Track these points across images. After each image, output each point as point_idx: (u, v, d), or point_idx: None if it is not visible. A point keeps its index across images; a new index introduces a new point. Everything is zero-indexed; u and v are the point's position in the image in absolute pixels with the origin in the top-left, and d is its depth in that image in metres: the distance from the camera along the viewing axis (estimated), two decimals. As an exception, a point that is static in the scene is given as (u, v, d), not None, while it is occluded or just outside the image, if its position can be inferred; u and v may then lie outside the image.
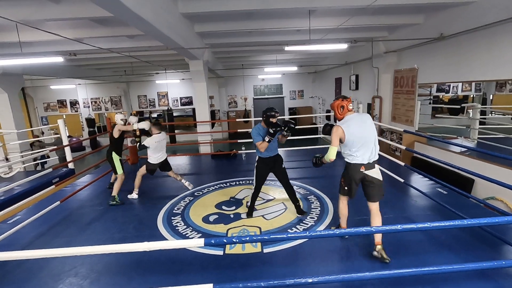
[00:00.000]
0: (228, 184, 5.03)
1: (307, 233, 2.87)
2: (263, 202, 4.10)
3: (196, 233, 3.37)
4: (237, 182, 5.08)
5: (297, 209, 3.62)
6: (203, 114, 7.85)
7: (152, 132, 4.37)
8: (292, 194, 3.61)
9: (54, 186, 4.11)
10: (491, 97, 8.22)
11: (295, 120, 14.30)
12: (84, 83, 13.94)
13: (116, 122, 4.45)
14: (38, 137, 9.77)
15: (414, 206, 3.83)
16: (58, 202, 3.89)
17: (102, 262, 2.79)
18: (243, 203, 4.13)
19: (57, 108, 14.53)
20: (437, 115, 8.67)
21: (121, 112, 4.56)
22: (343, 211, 3.00)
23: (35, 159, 8.62)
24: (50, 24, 5.08)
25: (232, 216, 3.76)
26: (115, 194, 4.26)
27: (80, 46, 5.88)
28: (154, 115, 17.34)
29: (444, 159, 4.01)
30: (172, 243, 1.94)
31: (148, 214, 3.92)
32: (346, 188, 2.83)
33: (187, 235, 3.32)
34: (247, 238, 1.86)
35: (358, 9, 5.04)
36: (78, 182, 5.45)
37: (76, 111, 14.65)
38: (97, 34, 5.50)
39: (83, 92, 14.39)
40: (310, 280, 1.89)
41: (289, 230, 3.33)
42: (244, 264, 2.71)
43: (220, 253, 2.87)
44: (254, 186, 3.60)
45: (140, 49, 6.98)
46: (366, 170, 2.66)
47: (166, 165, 4.58)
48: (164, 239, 3.26)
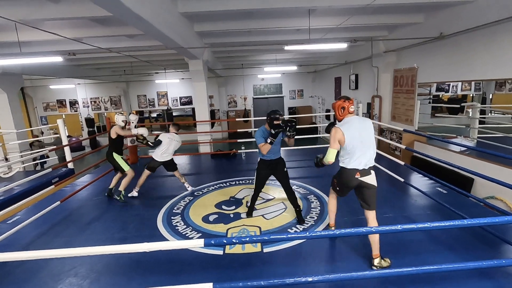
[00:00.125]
0: (227, 183, 5.03)
1: (307, 233, 2.87)
2: (263, 202, 4.10)
3: (196, 232, 3.37)
4: (236, 182, 5.08)
5: (297, 214, 3.50)
6: (203, 114, 7.84)
7: (170, 130, 4.57)
8: (293, 199, 3.49)
9: (53, 186, 4.09)
10: (491, 96, 8.23)
11: (295, 119, 14.35)
12: (83, 83, 13.93)
13: (116, 123, 4.37)
14: (37, 137, 9.76)
15: (414, 206, 3.84)
16: (58, 202, 3.89)
17: (102, 262, 2.79)
18: (243, 203, 4.13)
19: (56, 108, 14.51)
20: (436, 115, 8.68)
21: (121, 112, 4.51)
22: (331, 207, 2.98)
23: (35, 159, 8.61)
24: (49, 23, 5.07)
25: (232, 215, 3.76)
26: (122, 189, 4.26)
27: (79, 46, 5.86)
28: (154, 115, 17.35)
29: (444, 159, 4.01)
30: (172, 244, 1.94)
31: (148, 214, 3.92)
32: (338, 189, 2.80)
33: (187, 235, 3.32)
34: (247, 239, 1.86)
35: (357, 8, 5.03)
36: (78, 182, 5.45)
37: (75, 111, 14.63)
38: (96, 34, 5.49)
39: (83, 92, 14.37)
40: (310, 279, 1.89)
41: (289, 230, 3.33)
42: (244, 263, 2.71)
43: (220, 252, 2.87)
44: (254, 187, 3.59)
45: (139, 48, 6.97)
46: (362, 177, 2.56)
47: (171, 165, 4.58)
48: (164, 239, 3.26)
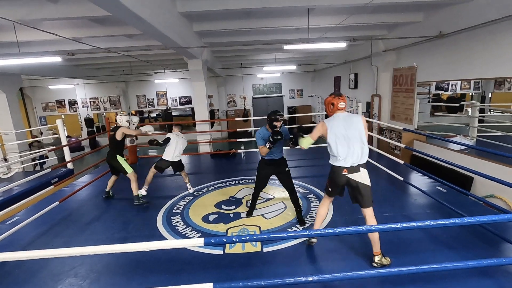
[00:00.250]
0: (227, 183, 5.02)
1: (307, 232, 2.86)
2: (263, 201, 4.10)
3: (195, 232, 3.36)
4: (236, 181, 5.07)
5: (297, 215, 3.48)
6: (202, 114, 7.84)
7: (173, 130, 4.61)
8: (295, 200, 3.46)
9: (53, 186, 4.09)
10: (490, 95, 8.23)
11: (295, 118, 14.39)
12: (82, 83, 13.90)
13: (119, 124, 4.28)
14: (36, 137, 9.76)
15: (414, 204, 3.84)
16: (57, 202, 3.89)
17: (102, 262, 2.79)
18: (243, 202, 4.12)
19: (55, 108, 14.48)
20: (436, 113, 8.68)
21: (122, 112, 4.47)
22: (321, 211, 2.86)
23: (34, 159, 8.61)
24: (48, 23, 5.05)
25: (231, 215, 3.75)
26: (137, 193, 4.19)
27: (78, 46, 5.86)
28: (153, 115, 17.33)
29: (443, 157, 4.01)
30: (171, 243, 1.93)
31: (147, 214, 3.92)
32: (330, 189, 2.75)
33: (187, 235, 3.32)
34: (247, 238, 1.86)
35: (357, 7, 5.03)
36: (77, 182, 5.44)
37: (74, 111, 14.62)
38: (95, 34, 5.48)
39: (82, 92, 14.35)
40: (310, 278, 1.89)
41: (289, 229, 3.33)
42: (244, 263, 2.71)
43: (220, 252, 2.87)
44: (254, 187, 3.59)
45: (138, 48, 6.96)
46: (349, 174, 2.54)
47: (180, 165, 4.57)
48: (163, 239, 3.25)
